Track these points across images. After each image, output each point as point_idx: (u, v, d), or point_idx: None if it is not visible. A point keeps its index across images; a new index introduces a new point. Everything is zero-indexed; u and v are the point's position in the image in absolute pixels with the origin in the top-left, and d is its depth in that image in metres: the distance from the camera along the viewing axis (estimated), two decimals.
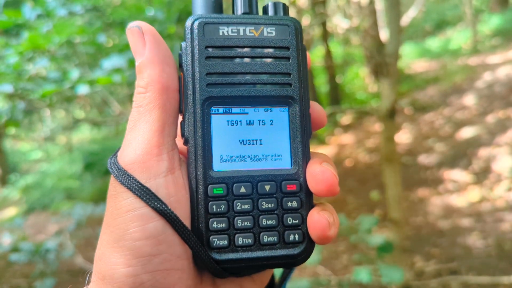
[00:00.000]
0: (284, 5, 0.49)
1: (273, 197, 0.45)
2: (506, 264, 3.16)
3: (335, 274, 3.48)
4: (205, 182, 0.43)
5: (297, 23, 0.47)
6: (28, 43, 1.71)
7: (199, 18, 0.45)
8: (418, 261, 3.45)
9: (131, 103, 4.00)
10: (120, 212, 0.40)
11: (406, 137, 6.43)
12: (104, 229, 0.41)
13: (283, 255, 0.44)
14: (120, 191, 0.41)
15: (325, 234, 0.43)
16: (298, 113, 0.46)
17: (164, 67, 0.44)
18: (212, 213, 0.43)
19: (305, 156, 0.47)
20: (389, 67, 2.26)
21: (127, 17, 2.57)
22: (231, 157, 0.45)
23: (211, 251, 0.43)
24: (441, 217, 4.10)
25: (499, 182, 4.39)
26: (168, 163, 0.42)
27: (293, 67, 0.46)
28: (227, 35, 0.45)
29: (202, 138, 0.44)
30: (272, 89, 0.46)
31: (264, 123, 0.46)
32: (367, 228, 1.69)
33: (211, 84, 0.44)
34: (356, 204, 4.91)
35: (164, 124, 0.43)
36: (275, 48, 0.46)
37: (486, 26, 11.15)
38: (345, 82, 10.11)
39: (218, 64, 0.45)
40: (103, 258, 0.40)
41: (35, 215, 7.12)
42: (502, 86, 6.81)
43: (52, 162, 11.10)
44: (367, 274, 1.62)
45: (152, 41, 0.44)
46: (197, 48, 0.44)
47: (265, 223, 0.44)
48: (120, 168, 0.41)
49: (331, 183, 0.44)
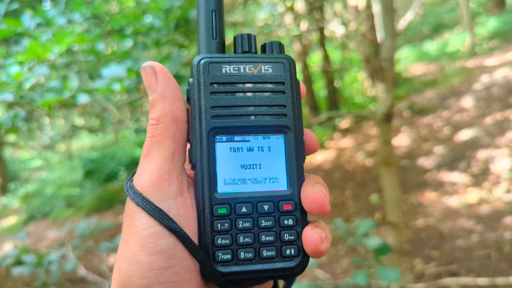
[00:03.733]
0: (280, 43, 0.55)
1: (271, 216, 0.50)
2: (505, 265, 3.17)
3: (335, 278, 3.48)
4: (211, 203, 0.49)
5: (291, 60, 0.53)
6: (28, 52, 1.73)
7: (204, 58, 0.51)
8: (418, 263, 3.46)
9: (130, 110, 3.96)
10: (136, 230, 0.45)
11: (404, 140, 6.45)
12: (122, 246, 0.46)
13: (281, 267, 0.49)
14: (136, 212, 0.46)
15: (318, 249, 0.48)
16: (293, 140, 0.51)
17: (174, 101, 0.49)
18: (217, 230, 0.48)
19: (299, 178, 0.51)
20: (384, 72, 2.28)
21: (125, 24, 2.59)
22: (233, 180, 0.50)
23: (217, 264, 0.48)
24: (441, 219, 4.11)
25: (498, 184, 4.40)
26: (178, 186, 0.48)
27: (288, 100, 0.52)
28: (229, 73, 0.51)
29: (207, 163, 0.49)
30: (269, 119, 0.51)
31: (263, 150, 0.51)
32: (365, 231, 1.70)
33: (216, 116, 0.50)
34: (356, 208, 4.92)
35: (174, 152, 0.48)
36: (272, 83, 0.52)
37: (483, 28, 11.19)
38: (343, 87, 10.14)
39: (222, 98, 0.50)
40: (121, 271, 0.45)
41: (35, 223, 7.12)
42: (500, 88, 6.84)
43: (51, 170, 11.09)
44: (365, 277, 1.63)
45: (163, 79, 0.49)
46: (203, 85, 0.50)
47: (264, 239, 0.49)
48: (136, 191, 0.47)
49: (322, 203, 0.49)
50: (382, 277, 1.56)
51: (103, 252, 3.91)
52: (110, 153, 9.19)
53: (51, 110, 2.18)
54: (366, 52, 2.95)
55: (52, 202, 7.87)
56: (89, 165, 8.82)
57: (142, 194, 0.46)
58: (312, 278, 3.42)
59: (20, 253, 2.92)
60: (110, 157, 8.78)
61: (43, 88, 2.01)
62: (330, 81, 9.10)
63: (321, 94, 9.91)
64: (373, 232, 3.92)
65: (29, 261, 2.71)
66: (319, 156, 7.01)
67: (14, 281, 4.35)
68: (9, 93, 1.83)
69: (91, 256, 4.45)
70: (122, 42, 2.70)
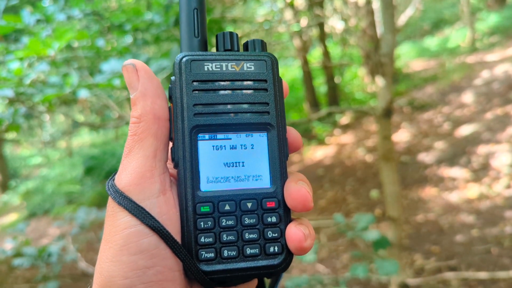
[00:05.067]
0: (262, 41, 0.55)
1: (254, 213, 0.50)
2: (506, 260, 3.18)
3: (335, 272, 3.50)
4: (194, 201, 0.48)
5: (273, 58, 0.53)
6: (28, 48, 1.73)
7: (186, 55, 0.51)
8: (418, 258, 3.47)
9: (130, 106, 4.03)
10: (118, 229, 0.45)
11: (405, 135, 6.45)
12: (103, 245, 0.46)
13: (265, 265, 0.49)
14: (118, 211, 0.45)
15: (302, 246, 0.48)
16: (276, 138, 0.51)
17: (155, 99, 0.49)
18: (200, 229, 0.48)
19: (282, 176, 0.51)
20: (384, 67, 2.28)
21: (125, 20, 2.59)
22: (216, 178, 0.50)
23: (200, 263, 0.48)
24: (441, 214, 4.12)
25: (498, 179, 4.41)
26: (160, 185, 0.47)
27: (270, 97, 0.52)
28: (211, 70, 0.51)
29: (190, 161, 0.49)
30: (252, 117, 0.51)
31: (246, 147, 0.51)
32: (364, 226, 1.70)
33: (198, 114, 0.50)
34: (356, 203, 4.93)
35: (156, 150, 0.48)
36: (254, 81, 0.52)
37: (484, 24, 11.17)
38: (343, 82, 10.13)
39: (204, 96, 0.50)
40: (102, 271, 0.44)
41: (36, 220, 7.14)
42: (500, 83, 6.84)
43: (52, 167, 11.11)
44: (364, 269, 1.64)
45: (144, 77, 0.49)
46: (185, 82, 0.50)
47: (248, 236, 0.49)
48: (117, 190, 0.46)
49: (305, 200, 0.49)
50: (381, 269, 1.56)
51: None
52: (111, 150, 9.20)
53: (52, 107, 2.18)
54: (366, 47, 2.95)
55: (52, 199, 7.89)
56: (90, 162, 8.82)
57: (124, 193, 0.45)
58: (313, 273, 3.44)
59: (20, 246, 2.93)
60: (111, 154, 8.79)
61: (43, 84, 2.01)
62: (330, 77, 9.09)
63: (321, 90, 9.91)
64: (373, 227, 3.93)
65: (29, 253, 2.72)
66: (319, 152, 7.02)
67: (16, 277, 4.37)
68: (9, 89, 1.84)
69: (92, 252, 4.47)
70: (122, 38, 2.70)
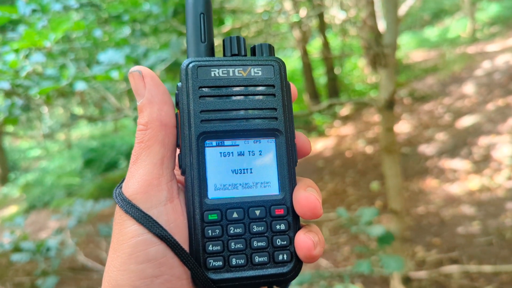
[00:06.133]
0: (270, 45, 0.54)
1: (263, 221, 0.49)
2: (507, 252, 3.17)
3: (336, 265, 3.49)
4: (201, 209, 0.48)
5: (281, 62, 0.52)
6: (24, 40, 1.70)
7: (193, 61, 0.50)
8: (419, 251, 3.46)
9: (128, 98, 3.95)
10: (125, 238, 0.45)
11: (405, 127, 6.43)
12: (111, 254, 0.46)
13: (274, 273, 0.48)
14: (125, 219, 0.45)
15: (311, 254, 0.47)
16: (284, 143, 0.51)
17: (162, 106, 0.48)
18: (208, 237, 0.48)
19: (291, 182, 0.51)
20: (386, 58, 2.25)
21: (122, 11, 2.55)
22: (224, 186, 0.49)
23: (208, 272, 0.47)
24: (442, 206, 4.11)
25: (499, 170, 4.39)
26: (168, 192, 0.47)
27: (278, 103, 0.51)
28: (218, 76, 0.50)
29: (197, 169, 0.48)
30: (260, 123, 0.50)
31: (254, 154, 0.51)
32: (368, 220, 1.69)
33: (205, 120, 0.49)
34: (356, 195, 4.92)
35: (163, 158, 0.47)
36: (262, 86, 0.51)
37: (484, 14, 11.11)
38: (343, 73, 10.09)
39: (211, 102, 0.49)
40: (110, 280, 0.44)
41: (35, 212, 7.13)
42: (501, 74, 6.80)
43: (51, 159, 11.10)
44: (368, 265, 1.62)
45: (151, 84, 0.49)
46: (192, 89, 0.49)
47: (256, 244, 0.49)
48: (124, 198, 0.46)
49: (314, 207, 0.48)
50: (386, 266, 1.55)
51: (101, 239, 3.91)
52: (110, 142, 9.18)
53: (49, 99, 2.15)
54: (366, 38, 2.91)
55: (52, 191, 7.88)
56: (89, 154, 8.81)
57: (131, 201, 0.45)
58: (314, 266, 3.43)
59: (18, 240, 2.92)
60: (110, 146, 8.77)
61: (40, 76, 1.98)
62: (330, 68, 9.05)
63: (321, 81, 9.87)
64: (374, 219, 3.92)
65: (27, 248, 2.70)
66: (319, 143, 7.00)
67: (16, 270, 4.36)
68: (5, 81, 1.80)
69: (92, 245, 4.46)
70: (120, 29, 2.66)
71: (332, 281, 2.37)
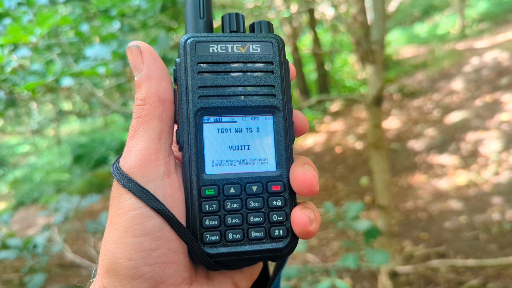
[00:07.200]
0: (269, 23, 0.54)
1: (259, 197, 0.49)
2: (493, 246, 3.21)
3: (325, 260, 3.51)
4: (199, 184, 0.48)
5: (280, 40, 0.52)
6: (9, 35, 1.68)
7: (192, 37, 0.50)
8: (407, 245, 3.49)
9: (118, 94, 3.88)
10: (123, 212, 0.45)
11: (394, 123, 6.47)
12: (108, 227, 0.46)
13: (270, 248, 0.49)
14: (122, 193, 0.46)
15: (307, 229, 0.48)
16: (282, 121, 0.51)
17: (160, 81, 0.48)
18: (205, 212, 0.48)
19: (288, 159, 0.51)
20: (374, 54, 2.26)
21: (111, 6, 2.53)
22: (221, 161, 0.50)
23: (205, 246, 0.48)
24: (430, 201, 4.15)
25: (486, 166, 4.44)
26: (165, 167, 0.47)
27: (277, 80, 0.51)
28: (216, 52, 0.50)
29: (195, 144, 0.49)
30: (258, 99, 0.50)
31: (251, 130, 0.51)
32: (354, 214, 1.70)
33: (203, 96, 0.49)
34: (346, 190, 4.94)
35: (161, 133, 0.48)
36: (260, 63, 0.51)
37: (473, 10, 11.19)
38: (333, 69, 10.11)
39: (209, 78, 0.49)
40: (107, 253, 0.45)
41: (24, 209, 7.07)
42: (489, 70, 6.86)
43: (40, 155, 11.00)
44: (354, 259, 1.64)
45: (149, 59, 0.49)
46: (190, 64, 0.49)
47: (253, 220, 0.49)
48: (122, 172, 0.46)
49: (311, 183, 0.49)
50: (371, 259, 1.56)
51: (90, 235, 3.89)
52: (99, 138, 9.11)
53: (35, 94, 2.13)
54: (356, 34, 2.91)
55: (41, 187, 7.81)
56: (78, 150, 8.75)
57: (128, 176, 0.46)
58: (302, 261, 3.44)
59: (5, 237, 2.89)
60: (100, 142, 8.71)
61: (25, 71, 1.96)
62: (320, 64, 9.06)
63: (312, 77, 9.88)
64: (363, 215, 3.94)
65: (14, 245, 2.68)
66: (309, 139, 7.02)
67: (4, 267, 4.33)
68: None
69: (81, 242, 4.44)
70: (108, 24, 2.63)
71: (320, 276, 2.39)
